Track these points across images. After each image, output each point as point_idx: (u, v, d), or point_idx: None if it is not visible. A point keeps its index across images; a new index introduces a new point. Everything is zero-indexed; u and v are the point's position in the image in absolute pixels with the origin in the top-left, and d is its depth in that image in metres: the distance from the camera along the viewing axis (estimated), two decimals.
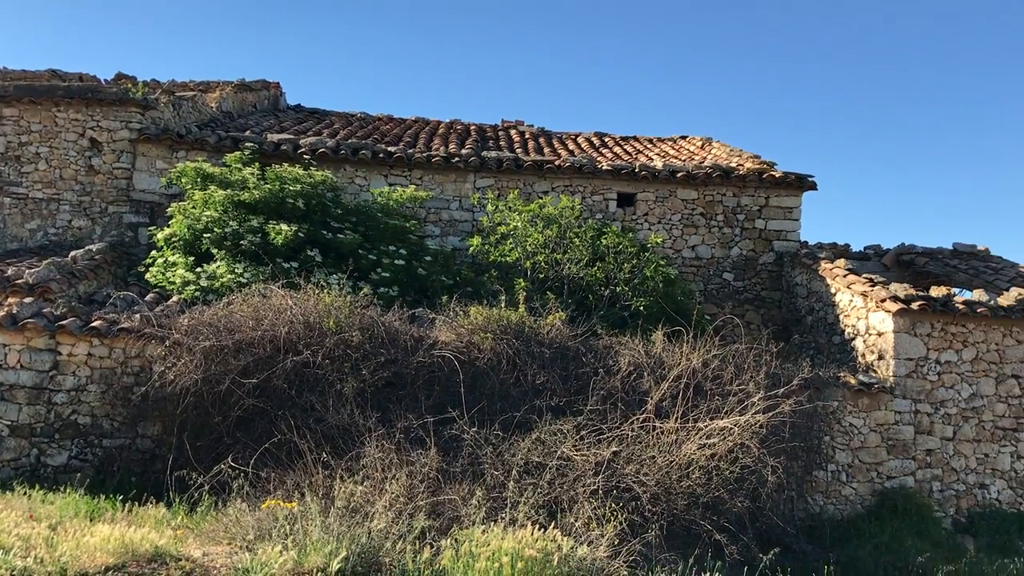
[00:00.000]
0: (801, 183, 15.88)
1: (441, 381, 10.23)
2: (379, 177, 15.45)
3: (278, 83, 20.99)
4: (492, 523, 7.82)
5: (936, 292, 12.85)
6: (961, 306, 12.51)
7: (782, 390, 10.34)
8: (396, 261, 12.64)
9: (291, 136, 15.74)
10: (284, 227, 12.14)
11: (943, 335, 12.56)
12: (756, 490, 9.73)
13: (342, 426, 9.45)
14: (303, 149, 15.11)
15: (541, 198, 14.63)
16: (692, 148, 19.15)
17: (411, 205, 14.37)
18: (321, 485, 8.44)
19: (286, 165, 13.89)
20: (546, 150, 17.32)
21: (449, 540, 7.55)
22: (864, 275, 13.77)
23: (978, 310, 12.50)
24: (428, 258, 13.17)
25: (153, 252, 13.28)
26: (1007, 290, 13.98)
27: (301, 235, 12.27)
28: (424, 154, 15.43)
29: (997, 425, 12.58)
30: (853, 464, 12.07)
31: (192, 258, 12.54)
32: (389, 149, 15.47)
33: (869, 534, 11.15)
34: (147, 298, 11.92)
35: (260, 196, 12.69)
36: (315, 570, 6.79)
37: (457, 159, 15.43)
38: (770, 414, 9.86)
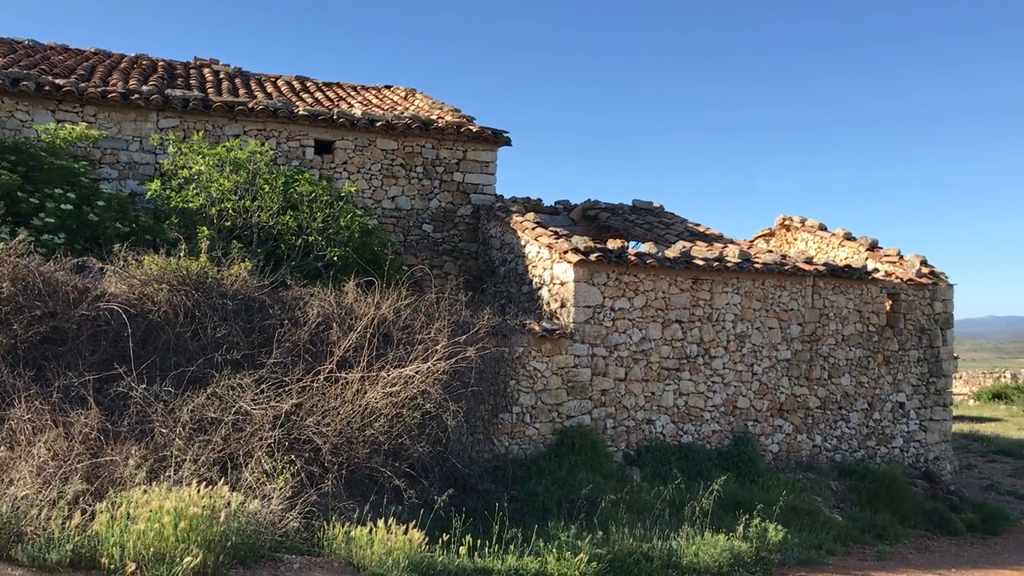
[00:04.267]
0: (497, 138, 16.33)
1: (109, 336, 9.46)
2: (45, 113, 13.92)
3: None
4: (155, 483, 7.39)
5: (613, 245, 13.76)
6: (633, 258, 13.50)
7: (463, 337, 10.61)
8: (63, 206, 11.49)
9: None
10: None
11: (618, 284, 13.49)
12: (439, 435, 9.97)
13: None
14: None
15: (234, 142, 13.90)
16: (396, 98, 19.07)
17: (83, 144, 13.12)
18: None
19: None
20: (241, 91, 16.47)
21: (106, 503, 7.04)
22: (551, 228, 14.47)
23: (648, 261, 13.55)
24: (101, 203, 12.09)
25: None
26: (675, 243, 15.28)
27: None
28: (99, 89, 14.09)
29: (663, 366, 13.77)
30: (536, 406, 12.72)
31: None
32: (57, 82, 13.96)
33: (548, 470, 11.83)
34: None
35: None
36: None
37: (137, 96, 14.25)
38: (453, 360, 10.11)
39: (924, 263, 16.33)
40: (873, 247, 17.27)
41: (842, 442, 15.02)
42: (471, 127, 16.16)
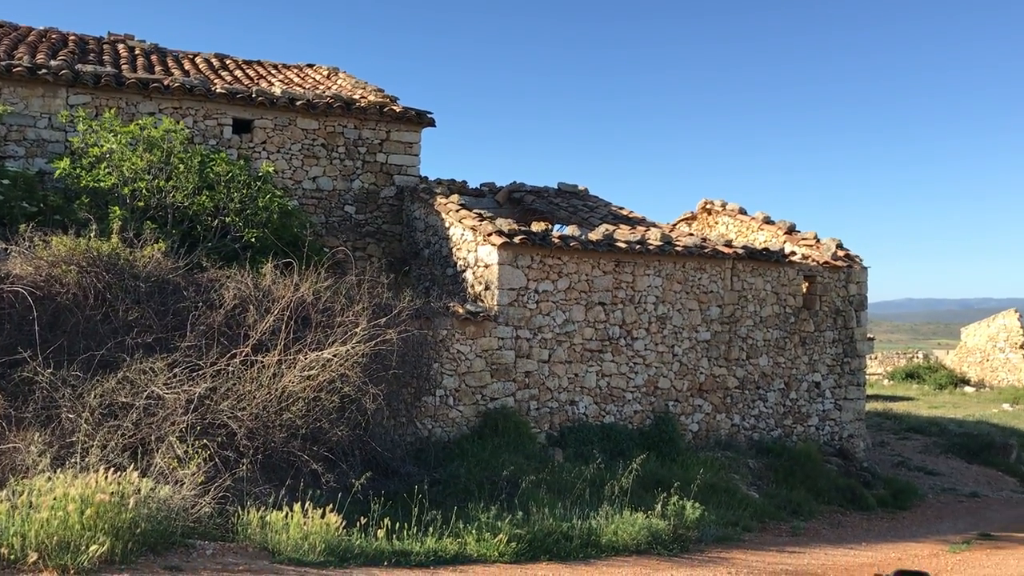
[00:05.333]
0: (421, 119, 16.19)
1: (14, 319, 9.13)
2: None
3: None
4: (61, 470, 7.17)
5: (537, 227, 13.78)
6: (557, 240, 13.55)
7: (384, 320, 10.52)
8: None
9: None
10: None
11: (542, 267, 13.53)
12: (360, 418, 9.88)
13: None
14: None
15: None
16: (318, 77, 18.74)
17: None
18: None
19: None
20: (157, 68, 15.98)
21: (6, 492, 6.80)
22: (475, 211, 14.42)
23: (571, 244, 13.62)
24: (7, 181, 11.64)
25: None
26: (599, 226, 15.37)
27: None
28: (3, 63, 13.52)
29: (586, 347, 13.87)
30: (460, 388, 12.70)
31: None
32: None
33: (471, 453, 11.83)
34: None
35: None
36: None
37: (45, 71, 13.72)
38: (373, 343, 10.02)
39: (840, 246, 16.75)
40: (791, 231, 17.64)
41: (760, 421, 15.36)
42: (394, 107, 15.99)
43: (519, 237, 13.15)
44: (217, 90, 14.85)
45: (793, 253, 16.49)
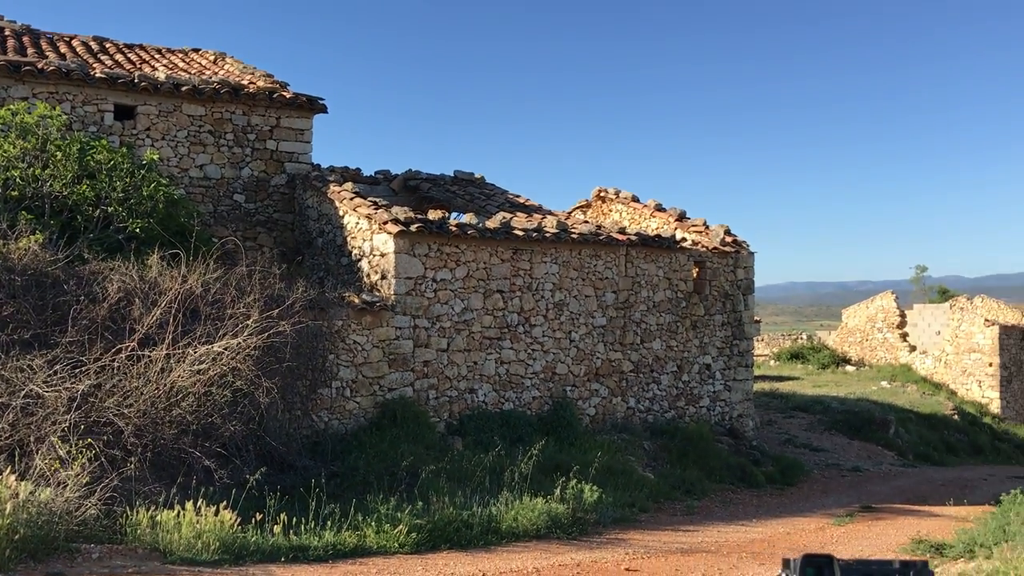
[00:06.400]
0: (312, 105, 15.86)
1: None
2: None
3: None
4: None
5: (434, 215, 13.71)
6: (454, 228, 13.51)
7: (277, 311, 10.30)
8: None
9: None
10: None
11: (439, 255, 13.47)
12: (253, 413, 9.65)
13: None
14: None
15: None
16: (204, 62, 18.13)
17: None
18: None
19: None
20: (30, 51, 15.17)
21: None
22: (370, 199, 14.23)
23: (469, 232, 13.60)
24: None
25: None
26: (496, 214, 15.41)
27: None
28: None
29: (484, 335, 13.89)
30: (357, 380, 12.55)
31: None
32: None
33: (370, 444, 11.72)
34: None
35: None
36: None
37: None
38: (266, 335, 9.80)
39: (728, 232, 17.23)
40: (682, 218, 18.05)
41: (654, 403, 15.71)
42: (284, 93, 15.61)
43: (416, 225, 13.05)
44: (96, 75, 14.20)
45: (684, 240, 16.89)
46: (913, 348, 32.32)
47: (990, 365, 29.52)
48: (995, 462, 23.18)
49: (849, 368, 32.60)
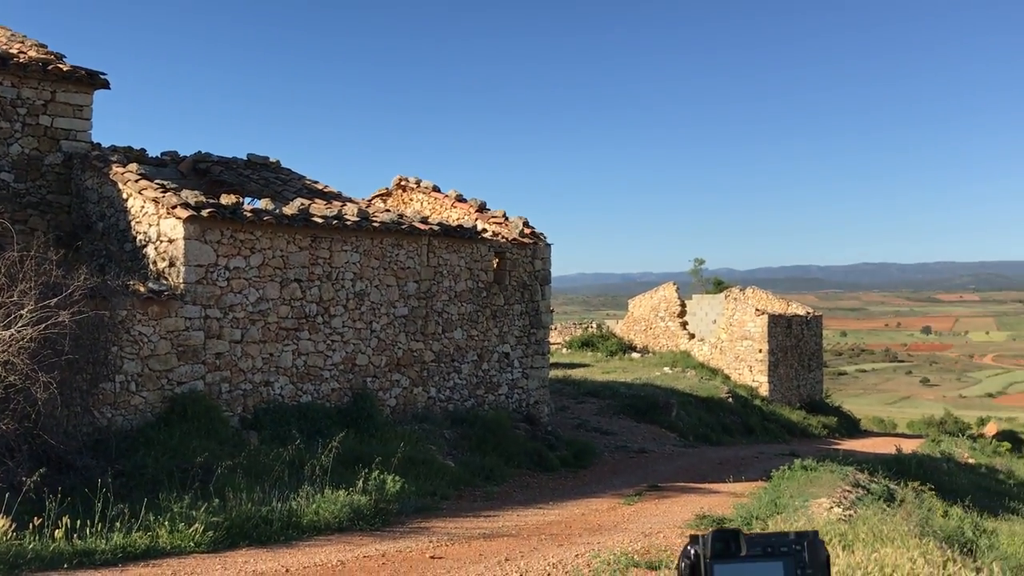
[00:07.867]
0: (93, 79, 14.73)
1: None
2: None
3: None
4: None
5: (227, 200, 13.12)
6: (249, 214, 13.00)
7: (54, 301, 9.53)
8: None
9: None
10: None
11: (233, 242, 12.92)
12: (28, 410, 8.88)
13: None
14: None
15: None
16: None
17: None
18: None
19: None
20: None
21: None
22: (157, 181, 13.43)
23: (265, 218, 13.13)
24: None
25: None
26: (293, 201, 14.96)
27: None
28: None
29: (281, 326, 13.47)
30: (143, 373, 11.83)
31: None
32: None
33: (158, 441, 11.10)
34: None
35: None
36: None
37: None
38: (43, 326, 9.04)
39: (526, 224, 17.65)
40: (482, 209, 18.30)
41: (455, 392, 15.85)
42: (61, 65, 14.40)
43: (207, 210, 12.45)
44: None
45: (485, 230, 17.13)
46: (692, 336, 34.46)
47: (760, 351, 32.00)
48: (765, 441, 25.21)
49: (635, 355, 34.31)
